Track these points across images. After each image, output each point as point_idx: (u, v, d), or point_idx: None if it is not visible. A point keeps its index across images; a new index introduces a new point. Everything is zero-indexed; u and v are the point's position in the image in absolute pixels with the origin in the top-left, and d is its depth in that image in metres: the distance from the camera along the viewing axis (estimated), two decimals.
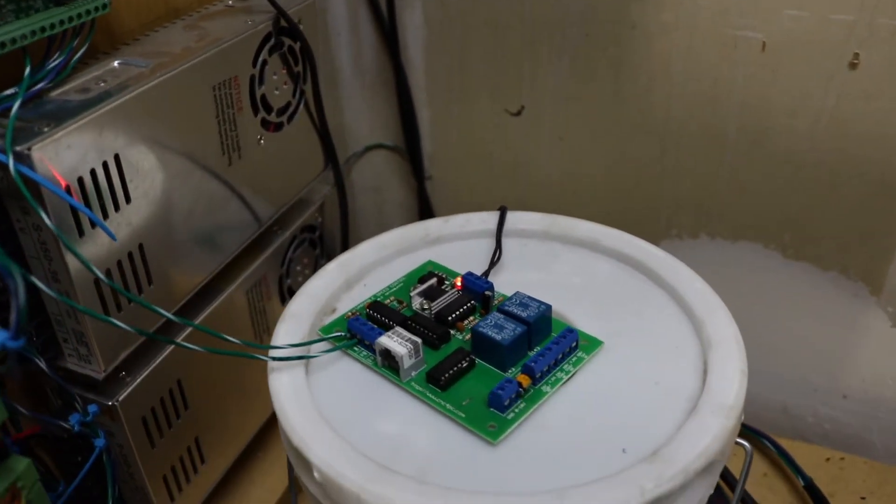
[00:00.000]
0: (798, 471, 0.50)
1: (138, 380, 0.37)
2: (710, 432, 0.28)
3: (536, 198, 0.60)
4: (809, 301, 0.53)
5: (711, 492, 0.30)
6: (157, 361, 0.38)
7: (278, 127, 0.45)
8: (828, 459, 0.52)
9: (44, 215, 0.28)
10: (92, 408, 0.36)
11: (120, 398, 0.36)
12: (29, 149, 0.29)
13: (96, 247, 0.33)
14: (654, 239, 0.38)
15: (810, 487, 0.49)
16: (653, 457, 0.27)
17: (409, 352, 0.31)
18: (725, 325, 0.33)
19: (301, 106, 0.47)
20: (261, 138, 0.43)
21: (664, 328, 0.34)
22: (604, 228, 0.40)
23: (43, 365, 0.33)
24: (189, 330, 0.39)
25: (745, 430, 0.52)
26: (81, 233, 0.32)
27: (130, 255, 0.35)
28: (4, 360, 0.24)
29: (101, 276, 0.28)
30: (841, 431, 0.57)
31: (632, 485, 0.26)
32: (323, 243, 0.53)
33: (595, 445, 0.29)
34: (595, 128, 0.55)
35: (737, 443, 0.34)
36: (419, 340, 0.32)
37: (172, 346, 0.39)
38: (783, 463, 0.52)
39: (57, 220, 0.31)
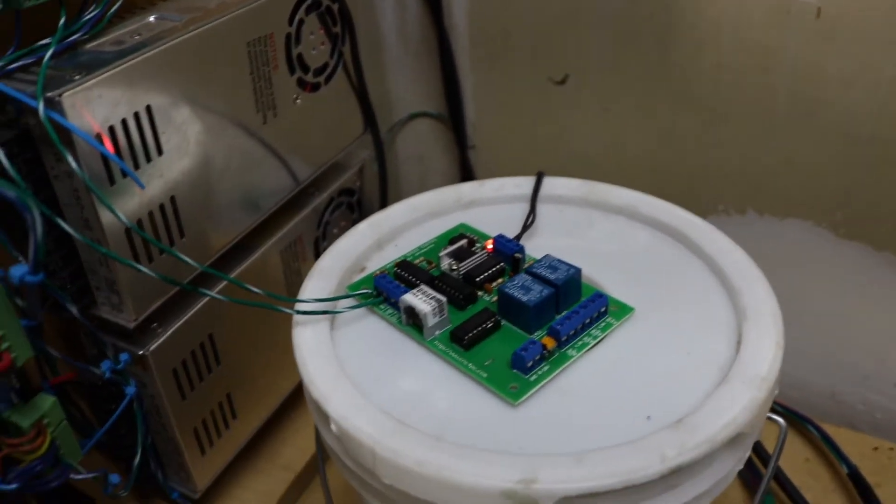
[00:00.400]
0: (842, 458, 0.48)
1: (169, 331, 0.38)
2: (739, 403, 0.27)
3: (579, 169, 0.58)
4: (861, 283, 0.51)
5: (741, 467, 0.29)
6: (189, 314, 0.39)
7: (315, 87, 0.45)
8: (876, 449, 0.50)
9: (71, 161, 0.29)
10: (123, 356, 0.36)
11: (151, 348, 0.37)
12: (60, 95, 0.29)
13: (128, 196, 0.33)
14: (699, 214, 0.37)
15: (854, 475, 0.47)
16: (677, 424, 0.26)
17: (434, 310, 0.31)
18: (764, 296, 0.32)
19: (339, 68, 0.46)
20: (297, 98, 0.43)
21: (700, 298, 0.33)
22: (643, 196, 0.39)
23: (74, 310, 0.33)
24: (220, 286, 0.40)
25: (789, 414, 0.51)
26: (112, 181, 0.32)
27: (162, 207, 0.35)
28: (24, 294, 0.24)
29: (126, 221, 0.28)
30: (894, 421, 0.54)
31: (652, 451, 0.25)
32: (361, 207, 0.53)
33: (619, 412, 0.28)
34: (640, 98, 0.53)
35: (771, 419, 0.32)
36: (444, 299, 0.31)
37: (204, 301, 0.39)
38: (827, 449, 0.50)
39: (88, 169, 0.31)
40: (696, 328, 0.31)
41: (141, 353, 0.37)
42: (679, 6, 0.48)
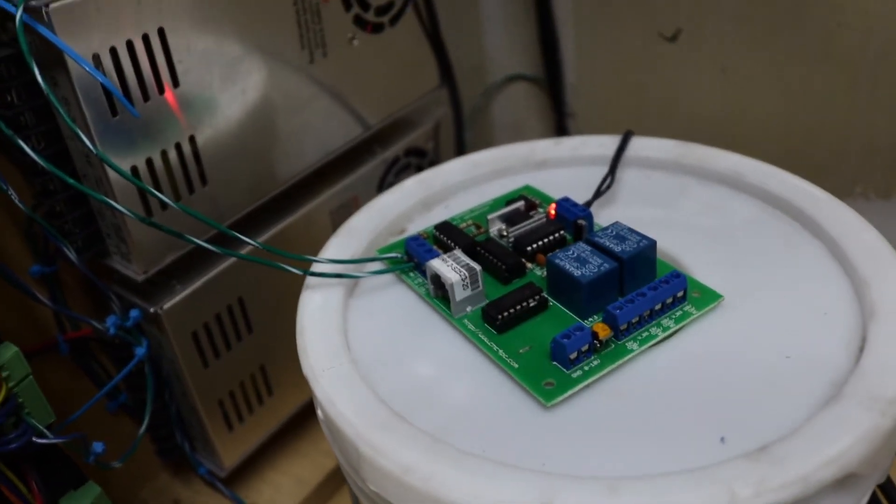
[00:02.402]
0: None
1: (189, 289, 0.34)
2: (853, 431, 0.19)
3: (692, 139, 0.51)
4: None
5: None
6: (213, 273, 0.35)
7: (377, 28, 0.39)
8: None
9: (40, 80, 0.25)
10: (133, 312, 0.33)
11: (165, 306, 0.33)
12: (47, 5, 0.26)
13: (134, 131, 0.29)
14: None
15: None
16: (759, 453, 0.19)
17: (463, 280, 0.25)
18: None
19: (408, 8, 0.41)
20: (353, 38, 0.38)
21: (812, 288, 0.25)
22: (749, 161, 0.31)
23: (72, 255, 0.30)
24: (264, 237, 0.35)
25: None
26: (114, 112, 0.28)
27: (179, 147, 0.31)
28: None
29: (112, 162, 0.24)
30: None
31: (719, 486, 0.18)
32: None
33: (684, 427, 0.21)
34: (767, 56, 0.45)
35: None
36: (478, 268, 0.25)
37: (232, 259, 0.35)
38: None
39: (85, 96, 0.27)
40: (802, 326, 0.24)
41: (153, 310, 0.33)
42: None
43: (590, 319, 0.25)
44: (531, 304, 0.25)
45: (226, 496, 0.40)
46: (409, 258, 0.28)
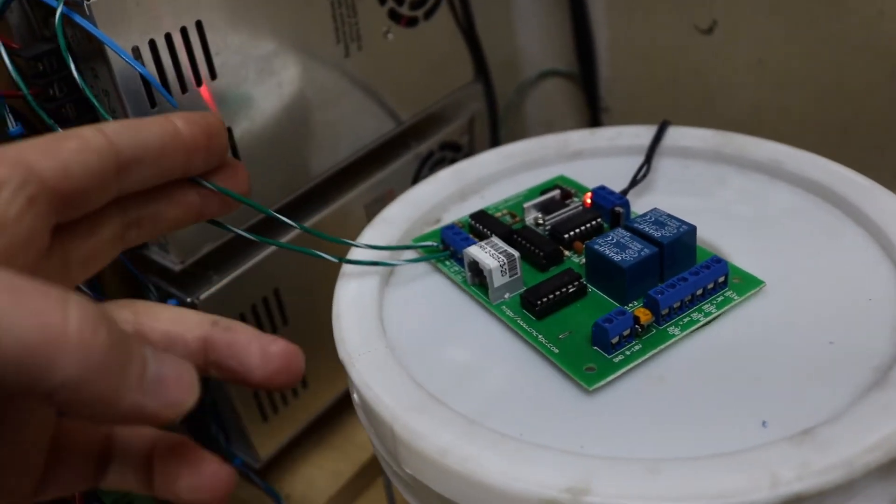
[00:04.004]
0: None
1: (225, 280, 0.34)
2: None
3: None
4: None
5: None
6: (250, 264, 0.35)
7: (412, 22, 0.39)
8: None
9: (75, 73, 0.25)
10: (172, 302, 0.33)
11: (201, 296, 0.33)
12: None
13: None
14: None
15: None
16: (803, 436, 0.19)
17: (502, 266, 0.25)
18: None
19: (442, 2, 0.41)
20: (388, 31, 0.38)
21: (856, 275, 0.25)
22: (789, 149, 0.31)
23: None
24: (293, 233, 0.36)
25: None
26: (153, 103, 0.29)
27: None
28: None
29: None
30: None
31: (761, 469, 0.18)
32: None
33: (724, 412, 0.21)
34: (804, 47, 0.44)
35: None
36: (516, 255, 0.25)
37: (269, 250, 0.35)
38: None
39: (125, 89, 0.28)
40: (845, 312, 0.23)
41: (190, 300, 0.33)
42: None
43: (630, 306, 0.24)
44: (570, 290, 0.25)
45: (260, 488, 0.40)
46: (445, 247, 0.28)
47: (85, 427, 0.19)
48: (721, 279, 0.24)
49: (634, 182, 0.31)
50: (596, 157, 0.34)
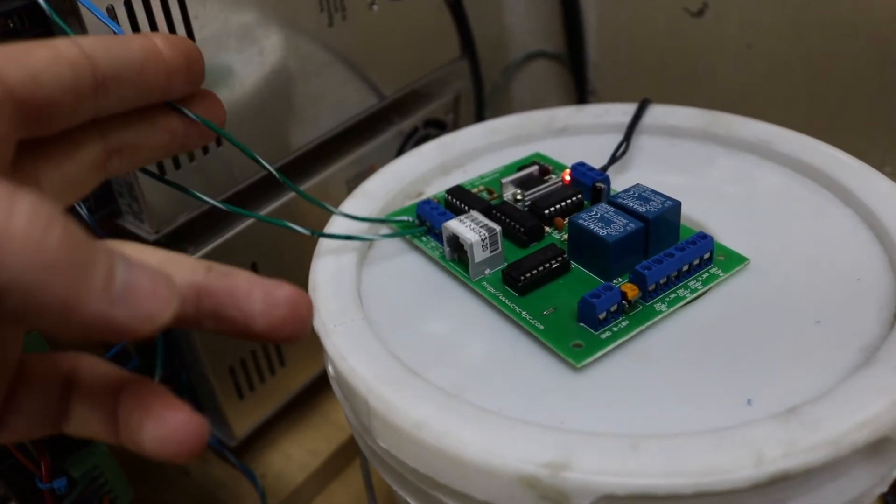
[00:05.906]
0: None
1: (201, 252, 0.33)
2: (886, 394, 0.19)
3: None
4: None
5: (883, 489, 0.21)
6: (226, 237, 0.34)
7: None
8: None
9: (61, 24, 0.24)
10: None
11: None
12: None
13: None
14: None
15: None
16: (788, 414, 0.18)
17: (483, 241, 0.24)
18: None
19: None
20: (373, 3, 0.37)
21: (844, 254, 0.24)
22: (778, 129, 0.30)
23: (83, 213, 0.29)
24: (273, 206, 0.35)
25: None
26: None
27: None
28: None
29: None
30: None
31: (746, 447, 0.17)
32: None
33: (710, 389, 0.20)
34: (794, 31, 0.44)
35: None
36: (498, 229, 0.25)
37: (246, 223, 0.34)
38: None
39: None
40: (833, 292, 0.23)
41: None
42: None
43: (614, 282, 0.24)
44: (554, 266, 0.24)
45: (235, 467, 0.40)
46: (421, 222, 0.28)
47: (44, 359, 0.17)
48: (707, 255, 0.24)
49: (614, 159, 0.30)
50: (582, 134, 0.34)
